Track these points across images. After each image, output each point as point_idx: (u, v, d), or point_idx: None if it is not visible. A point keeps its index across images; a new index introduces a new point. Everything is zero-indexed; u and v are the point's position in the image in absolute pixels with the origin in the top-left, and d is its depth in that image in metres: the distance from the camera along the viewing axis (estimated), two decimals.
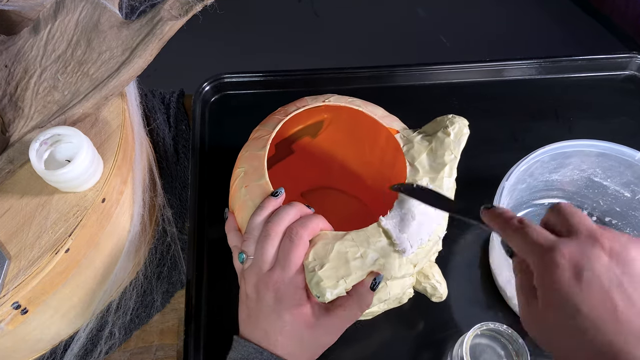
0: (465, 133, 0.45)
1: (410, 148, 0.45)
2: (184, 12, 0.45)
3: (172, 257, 0.56)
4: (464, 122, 0.45)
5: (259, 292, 0.40)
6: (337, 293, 0.38)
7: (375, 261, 0.40)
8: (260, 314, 0.40)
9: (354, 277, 0.39)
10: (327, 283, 0.38)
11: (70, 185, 0.42)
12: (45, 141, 0.42)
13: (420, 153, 0.44)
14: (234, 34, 1.60)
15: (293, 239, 0.39)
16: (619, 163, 0.54)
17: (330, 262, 0.39)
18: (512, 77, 0.70)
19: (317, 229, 0.41)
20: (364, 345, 0.52)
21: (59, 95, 0.46)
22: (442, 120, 0.46)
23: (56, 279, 0.42)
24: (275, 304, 0.39)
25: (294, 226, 0.40)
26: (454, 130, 0.44)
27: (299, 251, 0.39)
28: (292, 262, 0.39)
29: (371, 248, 0.40)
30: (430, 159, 0.44)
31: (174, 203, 0.60)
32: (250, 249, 0.41)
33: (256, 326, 0.41)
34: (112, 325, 0.51)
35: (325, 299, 0.38)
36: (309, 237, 0.40)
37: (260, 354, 0.39)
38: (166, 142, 0.64)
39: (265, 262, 0.40)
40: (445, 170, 0.43)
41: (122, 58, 0.46)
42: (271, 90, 0.68)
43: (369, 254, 0.40)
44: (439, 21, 1.65)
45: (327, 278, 0.38)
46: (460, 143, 0.44)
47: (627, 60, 0.70)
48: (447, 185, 0.43)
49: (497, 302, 0.54)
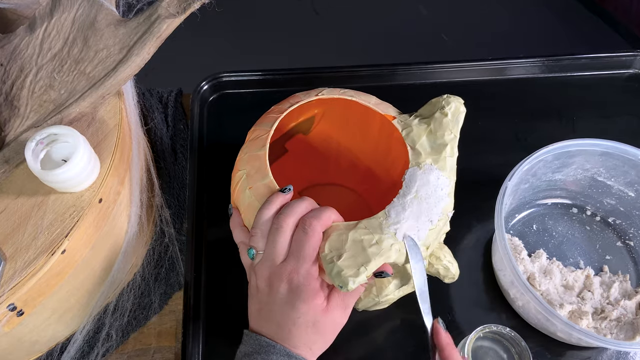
0: (462, 111, 0.45)
1: (409, 132, 0.46)
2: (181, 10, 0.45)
3: (170, 258, 0.56)
4: (460, 101, 0.46)
5: (271, 284, 0.40)
6: (359, 281, 0.38)
7: (391, 246, 0.40)
8: (274, 306, 0.40)
9: (374, 264, 0.39)
10: (348, 272, 0.38)
11: (67, 185, 0.42)
12: (41, 141, 0.42)
13: (420, 136, 0.45)
14: (232, 32, 1.59)
15: (307, 230, 0.40)
16: (623, 162, 0.53)
17: (347, 251, 0.39)
18: (515, 75, 0.69)
19: (329, 220, 0.41)
20: (365, 347, 0.52)
21: (55, 94, 0.46)
22: (437, 101, 0.46)
23: (52, 280, 0.42)
24: (289, 295, 0.40)
25: (307, 218, 0.40)
26: (451, 110, 0.45)
27: (313, 242, 0.40)
28: (307, 254, 0.39)
29: (385, 234, 0.40)
30: (430, 141, 0.45)
31: (172, 203, 0.59)
32: (260, 244, 0.41)
33: (268, 319, 0.41)
34: (109, 327, 0.51)
35: (349, 288, 0.38)
36: (322, 228, 0.41)
37: (272, 347, 0.39)
38: (164, 141, 0.63)
39: (278, 255, 0.40)
40: (447, 150, 0.44)
41: (119, 56, 0.46)
42: (270, 89, 0.68)
43: (384, 240, 0.40)
44: (441, 19, 1.64)
45: (347, 267, 0.38)
46: (458, 122, 0.45)
47: (631, 58, 0.69)
48: (450, 164, 0.44)
49: (500, 304, 0.53)
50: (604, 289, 0.53)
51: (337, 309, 0.41)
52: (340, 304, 0.41)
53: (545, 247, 0.57)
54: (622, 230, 0.57)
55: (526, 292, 0.45)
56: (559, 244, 0.57)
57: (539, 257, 0.55)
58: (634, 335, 0.49)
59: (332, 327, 0.41)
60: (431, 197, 0.42)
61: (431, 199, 0.42)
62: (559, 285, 0.54)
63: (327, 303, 0.40)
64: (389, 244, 0.40)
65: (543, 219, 0.59)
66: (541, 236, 0.57)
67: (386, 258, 0.40)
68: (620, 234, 0.58)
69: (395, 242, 0.40)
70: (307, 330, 0.40)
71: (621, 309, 0.51)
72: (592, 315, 0.51)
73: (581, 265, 0.56)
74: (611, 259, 0.56)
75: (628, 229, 0.57)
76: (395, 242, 0.40)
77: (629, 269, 0.56)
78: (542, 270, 0.54)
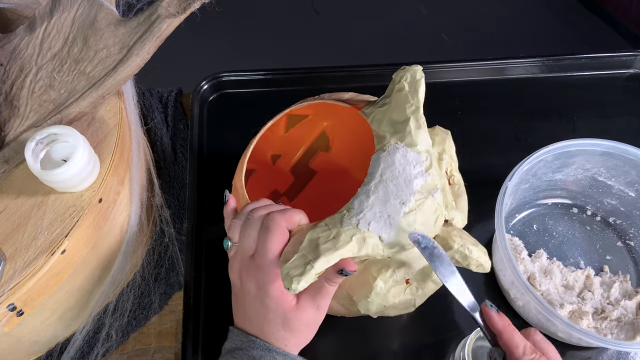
0: (419, 78, 0.42)
1: (373, 117, 0.43)
2: (181, 10, 0.45)
3: (170, 258, 0.56)
4: (415, 68, 0.42)
5: (242, 280, 0.40)
6: (306, 280, 0.35)
7: (352, 237, 0.37)
8: (245, 301, 0.40)
9: (324, 260, 0.36)
10: (294, 272, 0.36)
11: (67, 185, 0.42)
12: (41, 140, 0.42)
13: (383, 118, 0.42)
14: (232, 32, 1.59)
15: (269, 225, 0.39)
16: (624, 162, 0.53)
17: (299, 252, 0.37)
18: (515, 75, 0.69)
19: (295, 218, 0.40)
20: (365, 346, 0.52)
21: (55, 94, 0.46)
22: (395, 75, 0.43)
23: (52, 280, 0.42)
24: (257, 292, 0.39)
25: (271, 213, 0.40)
26: (407, 81, 0.42)
27: (276, 237, 0.38)
28: (269, 248, 0.38)
29: (345, 226, 0.37)
30: (391, 120, 0.41)
31: (172, 203, 0.59)
32: (235, 235, 0.41)
33: (244, 315, 0.41)
34: (109, 328, 0.51)
35: (293, 289, 0.35)
36: (288, 225, 0.39)
37: (252, 342, 0.39)
38: (164, 141, 0.63)
39: (248, 248, 0.40)
40: (410, 124, 0.40)
41: (119, 56, 0.46)
42: (270, 88, 0.68)
43: (342, 233, 0.37)
44: (441, 19, 1.64)
45: (294, 268, 0.36)
46: (418, 91, 0.41)
47: (631, 58, 0.69)
48: (420, 137, 0.40)
49: (501, 304, 0.53)
50: (605, 289, 0.53)
51: (308, 308, 0.39)
52: (310, 303, 0.40)
53: (546, 247, 0.56)
54: (622, 230, 0.57)
55: (526, 292, 0.45)
56: (560, 244, 0.57)
57: (539, 257, 0.55)
58: (634, 335, 0.49)
59: (305, 326, 0.40)
60: (399, 178, 0.39)
61: (399, 179, 0.39)
62: (560, 285, 0.53)
63: (297, 302, 0.39)
64: (347, 237, 0.37)
65: (543, 219, 0.59)
66: (541, 236, 0.57)
67: (347, 252, 0.37)
68: (621, 234, 0.58)
69: (357, 232, 0.37)
70: (278, 327, 0.39)
71: (621, 309, 0.51)
72: (593, 315, 0.51)
73: (581, 266, 0.56)
74: (611, 259, 0.56)
75: (628, 229, 0.57)
76: (357, 232, 0.37)
77: (629, 269, 0.56)
78: (542, 270, 0.54)
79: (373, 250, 0.38)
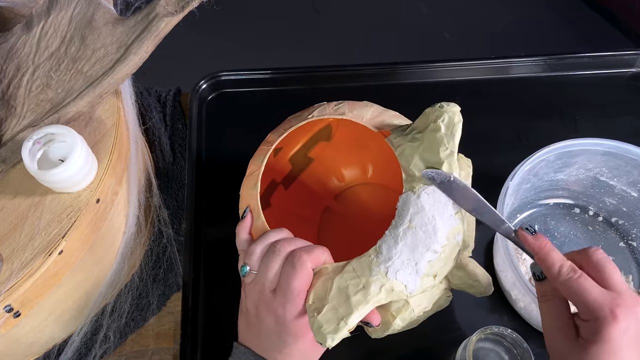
0: (457, 122, 0.40)
1: (403, 150, 0.42)
2: (180, 9, 0.44)
3: (169, 259, 0.56)
4: (454, 110, 0.40)
5: (259, 312, 0.40)
6: (339, 337, 0.36)
7: (381, 288, 0.37)
8: (261, 332, 0.40)
9: (356, 315, 0.36)
10: (328, 327, 0.36)
11: (64, 185, 0.42)
12: (38, 140, 0.41)
13: (413, 155, 0.41)
14: (231, 30, 1.58)
15: (295, 264, 0.38)
16: (626, 162, 0.53)
17: (329, 302, 0.37)
18: (517, 74, 0.69)
19: (321, 258, 0.40)
20: (367, 347, 0.51)
21: (52, 94, 0.45)
22: (431, 112, 0.41)
23: (49, 281, 0.41)
24: (277, 327, 0.39)
25: (298, 250, 0.39)
26: (444, 122, 0.40)
27: (301, 278, 0.38)
28: (295, 289, 0.38)
29: (374, 276, 0.37)
30: (424, 160, 0.40)
31: (170, 204, 0.59)
32: (255, 263, 0.40)
33: (256, 340, 0.40)
34: (107, 329, 0.51)
35: (327, 345, 0.36)
36: (313, 265, 0.39)
37: None
38: (162, 141, 0.63)
39: (269, 281, 0.39)
40: (443, 169, 0.40)
41: (116, 55, 0.45)
42: (270, 88, 0.67)
43: (372, 284, 0.37)
44: (442, 18, 1.64)
45: (327, 322, 0.36)
46: (454, 135, 0.40)
47: (633, 57, 0.68)
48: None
49: (502, 306, 0.53)
50: None
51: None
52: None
53: None
54: (624, 230, 0.57)
55: (528, 293, 0.45)
56: (561, 244, 0.57)
57: None
58: None
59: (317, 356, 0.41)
60: (428, 225, 0.38)
61: (428, 226, 0.38)
62: None
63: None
64: (377, 287, 0.37)
65: (545, 219, 0.58)
66: None
67: (375, 303, 0.37)
68: (623, 235, 0.57)
69: (386, 282, 0.37)
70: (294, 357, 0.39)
71: None
72: None
73: None
74: (614, 260, 0.55)
75: (631, 230, 0.56)
76: (386, 282, 0.37)
77: (631, 270, 0.55)
78: None
79: (398, 297, 0.38)
